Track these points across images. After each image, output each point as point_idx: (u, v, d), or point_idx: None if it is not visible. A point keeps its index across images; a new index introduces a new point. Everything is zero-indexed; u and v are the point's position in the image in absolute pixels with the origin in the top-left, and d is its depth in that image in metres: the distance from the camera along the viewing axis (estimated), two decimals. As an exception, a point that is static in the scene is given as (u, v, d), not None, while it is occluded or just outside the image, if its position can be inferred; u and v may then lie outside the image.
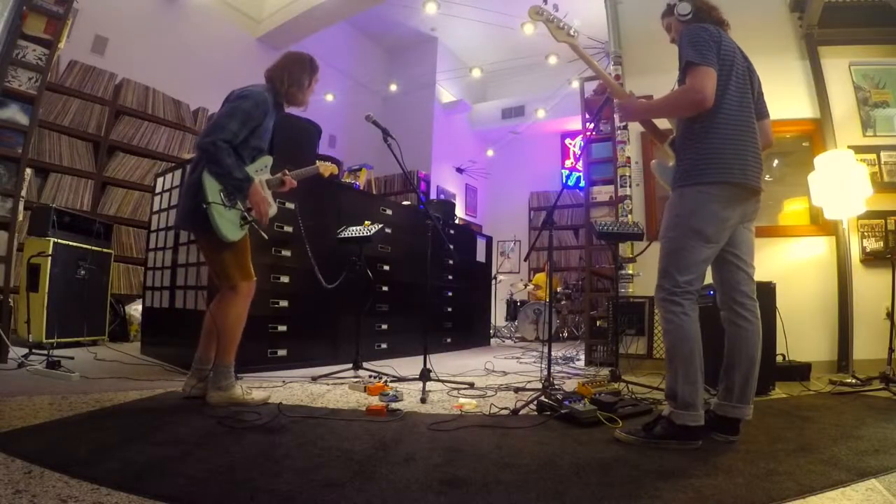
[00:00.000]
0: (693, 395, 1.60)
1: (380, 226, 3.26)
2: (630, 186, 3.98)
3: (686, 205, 1.69)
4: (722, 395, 1.74)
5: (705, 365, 1.66)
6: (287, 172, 2.37)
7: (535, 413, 2.10)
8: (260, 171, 2.19)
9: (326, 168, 2.69)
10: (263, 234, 2.21)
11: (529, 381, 2.89)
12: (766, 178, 1.64)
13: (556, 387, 2.52)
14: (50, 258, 3.44)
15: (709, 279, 3.05)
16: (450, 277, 5.10)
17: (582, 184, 4.61)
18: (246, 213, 2.10)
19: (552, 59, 7.99)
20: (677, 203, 1.72)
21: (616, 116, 4.09)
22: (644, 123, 2.03)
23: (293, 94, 2.22)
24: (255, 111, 2.07)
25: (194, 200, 2.01)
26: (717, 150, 1.65)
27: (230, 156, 2.01)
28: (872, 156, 3.57)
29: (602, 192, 4.21)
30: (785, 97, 3.71)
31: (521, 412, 2.10)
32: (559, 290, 7.20)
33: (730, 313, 1.77)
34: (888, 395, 2.50)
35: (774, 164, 4.51)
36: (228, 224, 2.04)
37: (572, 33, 1.94)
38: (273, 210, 2.22)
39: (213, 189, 2.00)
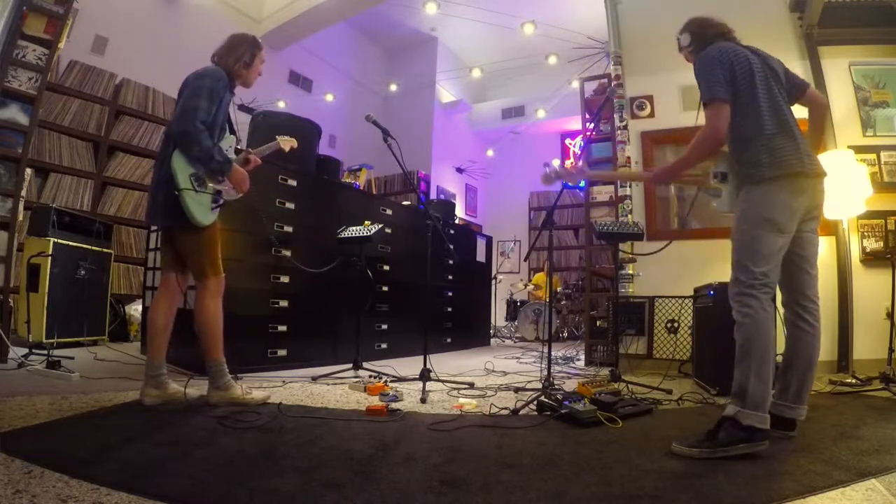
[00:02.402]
0: (764, 394, 1.56)
1: (380, 226, 3.26)
2: (630, 186, 3.97)
3: (755, 198, 1.70)
4: (777, 394, 1.74)
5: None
6: (251, 151, 2.41)
7: (535, 413, 2.10)
8: (226, 150, 2.17)
9: (286, 142, 2.70)
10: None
11: (529, 381, 2.89)
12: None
13: (556, 387, 2.52)
14: (50, 258, 3.44)
15: (708, 279, 3.04)
16: (450, 277, 5.10)
17: (582, 184, 4.61)
18: (216, 196, 2.11)
19: (552, 59, 7.98)
20: (745, 198, 1.73)
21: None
22: (684, 180, 2.04)
23: (240, 72, 2.23)
24: (216, 86, 2.07)
25: (166, 191, 2.00)
26: (767, 153, 1.68)
27: (209, 138, 2.01)
28: (872, 156, 3.57)
29: (602, 192, 4.21)
30: (785, 97, 3.71)
31: (521, 412, 2.10)
32: (559, 290, 7.20)
33: (793, 315, 1.78)
34: (888, 395, 2.50)
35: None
36: (200, 207, 2.03)
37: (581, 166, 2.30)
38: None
39: (183, 175, 1.99)
